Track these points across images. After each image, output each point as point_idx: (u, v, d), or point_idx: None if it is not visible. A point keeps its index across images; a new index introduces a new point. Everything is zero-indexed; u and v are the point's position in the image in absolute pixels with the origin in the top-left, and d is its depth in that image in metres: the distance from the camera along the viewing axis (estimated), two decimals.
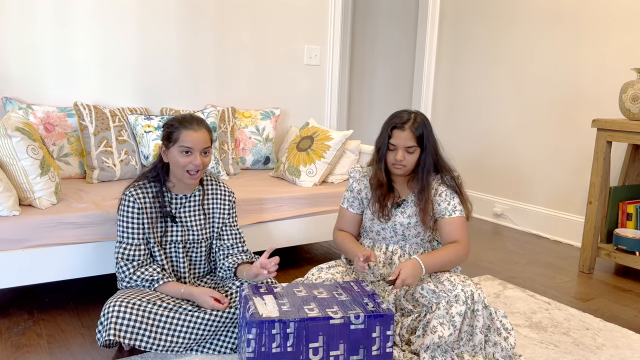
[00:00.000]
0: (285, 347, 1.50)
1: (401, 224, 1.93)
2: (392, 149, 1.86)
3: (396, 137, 1.84)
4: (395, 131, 1.84)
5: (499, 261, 2.97)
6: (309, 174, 2.75)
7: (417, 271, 1.74)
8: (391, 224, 1.94)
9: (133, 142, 2.70)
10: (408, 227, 1.93)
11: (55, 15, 2.69)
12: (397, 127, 1.84)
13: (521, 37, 3.57)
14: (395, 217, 1.94)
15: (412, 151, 1.85)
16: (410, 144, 1.83)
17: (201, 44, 3.13)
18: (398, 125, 1.84)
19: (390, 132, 1.85)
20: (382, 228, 1.96)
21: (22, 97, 2.66)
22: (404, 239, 1.96)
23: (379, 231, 1.98)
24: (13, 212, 1.97)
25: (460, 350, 1.72)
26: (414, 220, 1.93)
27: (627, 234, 2.75)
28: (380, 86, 5.03)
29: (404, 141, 1.83)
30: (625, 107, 2.66)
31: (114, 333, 1.64)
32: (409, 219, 1.93)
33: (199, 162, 1.82)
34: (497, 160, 3.82)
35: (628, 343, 2.01)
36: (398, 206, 1.94)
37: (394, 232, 1.96)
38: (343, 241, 2.00)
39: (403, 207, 1.94)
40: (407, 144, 1.83)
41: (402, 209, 1.94)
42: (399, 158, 1.84)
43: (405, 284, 1.70)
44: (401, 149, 1.84)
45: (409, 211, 1.93)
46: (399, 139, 1.84)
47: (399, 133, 1.84)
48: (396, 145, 1.84)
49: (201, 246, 1.97)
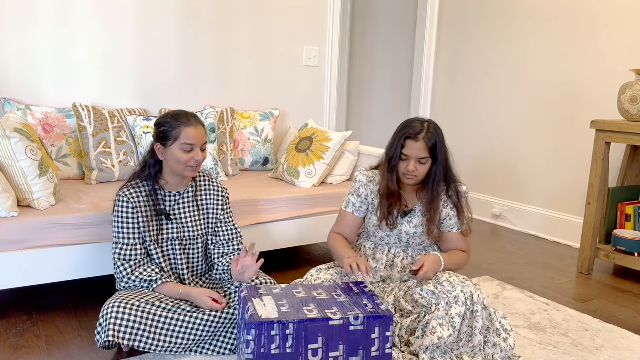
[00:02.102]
0: (285, 349, 1.50)
1: (407, 232, 1.93)
2: (404, 159, 1.82)
3: (409, 147, 1.80)
4: (408, 141, 1.80)
5: (498, 262, 2.97)
6: (308, 175, 2.75)
7: (437, 266, 1.81)
8: (397, 232, 1.94)
9: (132, 143, 2.70)
10: (414, 236, 1.93)
11: (55, 16, 2.69)
12: (411, 138, 1.79)
13: (520, 37, 3.57)
14: (402, 226, 1.92)
15: (424, 162, 1.81)
16: (423, 155, 1.80)
17: (200, 45, 3.13)
18: (412, 135, 1.79)
19: (404, 142, 1.81)
20: (387, 235, 1.96)
21: (21, 98, 2.66)
22: (408, 245, 1.97)
23: (383, 237, 1.97)
24: (12, 213, 1.97)
25: (459, 351, 1.72)
26: (420, 230, 1.92)
27: (626, 234, 2.75)
28: (380, 87, 5.03)
29: (417, 152, 1.79)
30: (624, 108, 2.67)
31: (113, 334, 1.64)
32: (415, 228, 1.92)
33: (200, 157, 1.84)
34: (496, 161, 3.82)
35: (627, 344, 2.01)
36: (405, 215, 1.92)
37: (399, 239, 1.95)
38: (336, 245, 1.94)
39: (410, 216, 1.92)
40: (420, 155, 1.80)
41: (408, 219, 1.92)
42: (411, 169, 1.80)
43: (426, 276, 1.75)
44: (414, 159, 1.80)
45: (416, 221, 1.92)
46: (412, 150, 1.79)
47: (412, 144, 1.79)
48: (409, 155, 1.80)
49: (197, 242, 1.97)
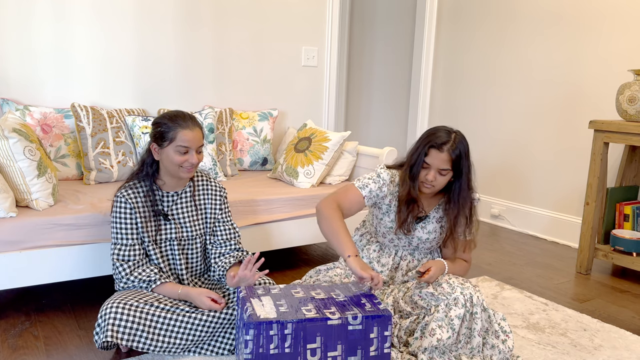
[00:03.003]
0: (283, 348, 1.50)
1: (419, 238, 1.92)
2: (425, 167, 1.78)
3: (432, 157, 1.75)
4: (432, 150, 1.75)
5: (497, 262, 2.97)
6: (307, 175, 2.75)
7: (441, 272, 1.81)
8: (409, 237, 1.93)
9: (130, 143, 2.69)
10: (425, 241, 1.93)
11: (53, 16, 2.68)
12: (435, 147, 1.75)
13: (519, 39, 3.58)
14: (415, 231, 1.91)
15: (445, 173, 1.78)
16: (444, 167, 1.75)
17: (199, 45, 3.13)
18: (436, 145, 1.74)
19: (427, 150, 1.77)
20: (398, 238, 1.94)
21: (20, 99, 2.66)
22: (416, 248, 1.96)
23: (392, 239, 1.95)
24: (10, 213, 1.96)
25: (458, 352, 1.72)
26: (432, 237, 1.92)
27: (624, 234, 2.75)
28: (378, 87, 5.03)
29: (439, 163, 1.75)
30: (622, 109, 2.67)
31: (112, 334, 1.63)
32: (429, 234, 1.91)
33: (195, 160, 1.83)
34: (495, 161, 3.83)
35: (625, 344, 2.01)
36: (419, 220, 1.91)
37: (409, 243, 1.95)
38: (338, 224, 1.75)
39: (424, 222, 1.91)
40: (441, 166, 1.75)
41: (423, 224, 1.91)
42: (430, 179, 1.77)
43: (429, 280, 1.76)
44: (434, 169, 1.77)
45: (430, 227, 1.91)
46: (434, 160, 1.75)
47: (436, 153, 1.75)
48: (430, 165, 1.77)
49: (196, 242, 1.97)
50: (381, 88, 5.01)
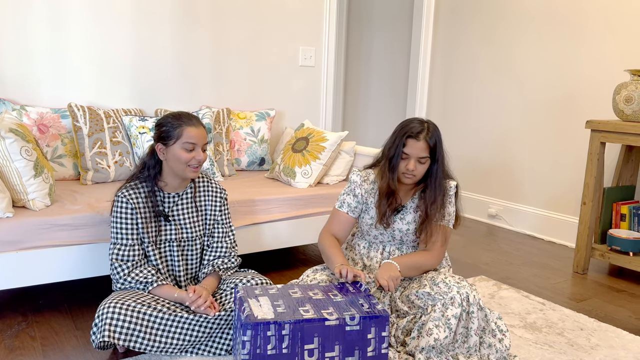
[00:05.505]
0: (281, 349, 1.50)
1: (400, 230, 1.93)
2: (404, 158, 1.83)
3: (410, 146, 1.81)
4: (409, 140, 1.81)
5: (494, 262, 2.97)
6: (304, 175, 2.75)
7: (392, 269, 1.77)
8: (389, 230, 1.94)
9: (127, 143, 2.69)
10: (407, 233, 1.93)
11: (50, 16, 2.68)
12: (412, 137, 1.80)
13: (517, 38, 3.58)
14: (395, 223, 1.93)
15: (424, 162, 1.83)
16: (423, 155, 1.81)
17: (196, 45, 3.12)
18: (413, 134, 1.80)
19: (405, 140, 1.82)
20: (381, 233, 1.96)
21: (16, 98, 2.65)
22: (402, 242, 1.97)
23: (376, 235, 1.98)
24: (6, 213, 1.96)
25: (455, 352, 1.73)
26: (412, 227, 1.93)
27: (621, 234, 2.76)
28: (376, 87, 5.03)
29: (418, 151, 1.80)
30: (618, 109, 2.68)
31: (109, 334, 1.63)
32: (408, 225, 1.93)
33: (202, 157, 1.85)
34: (492, 161, 3.83)
35: (622, 343, 2.02)
36: (397, 212, 1.93)
37: (392, 237, 1.96)
38: (329, 247, 1.90)
39: (402, 213, 1.93)
40: (420, 154, 1.81)
41: (401, 216, 1.93)
42: (411, 168, 1.81)
43: (390, 283, 1.71)
44: (414, 158, 1.81)
45: (409, 218, 1.93)
46: (413, 149, 1.80)
47: (413, 143, 1.80)
48: (409, 154, 1.81)
49: (195, 244, 1.97)
50: (379, 88, 5.02)
